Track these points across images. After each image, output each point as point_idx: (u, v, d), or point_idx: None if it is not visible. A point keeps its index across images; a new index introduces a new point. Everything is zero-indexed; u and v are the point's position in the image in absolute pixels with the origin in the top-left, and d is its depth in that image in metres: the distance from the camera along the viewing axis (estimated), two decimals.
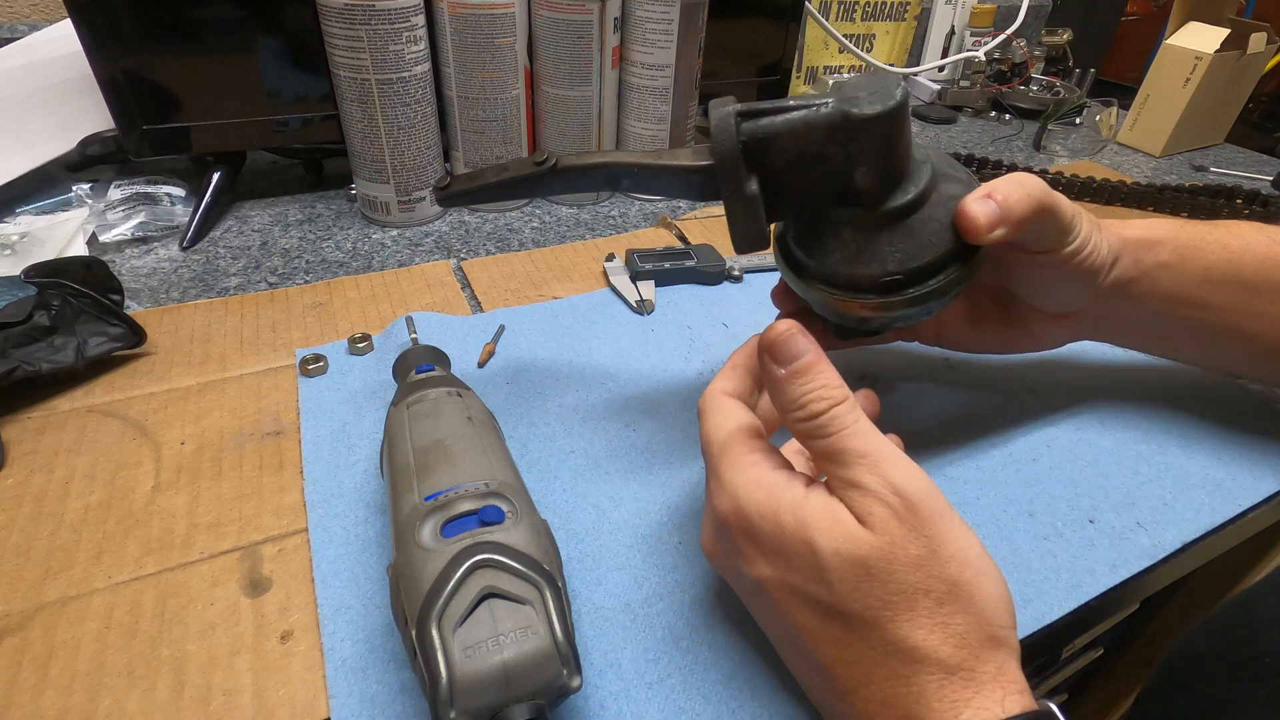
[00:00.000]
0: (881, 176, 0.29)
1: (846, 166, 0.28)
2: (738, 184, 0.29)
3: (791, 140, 0.28)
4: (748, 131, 0.28)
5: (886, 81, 0.27)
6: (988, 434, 0.40)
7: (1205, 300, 0.35)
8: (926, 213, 0.29)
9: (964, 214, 0.29)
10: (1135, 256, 0.35)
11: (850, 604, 0.22)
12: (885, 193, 0.29)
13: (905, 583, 0.22)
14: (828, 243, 0.30)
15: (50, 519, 0.32)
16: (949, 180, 0.30)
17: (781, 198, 0.30)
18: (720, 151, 0.28)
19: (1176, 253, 0.35)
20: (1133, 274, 0.35)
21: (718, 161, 0.29)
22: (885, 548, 0.22)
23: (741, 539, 0.25)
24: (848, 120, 0.27)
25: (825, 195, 0.30)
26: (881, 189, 0.29)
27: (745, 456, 0.26)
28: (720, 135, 0.28)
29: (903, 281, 0.29)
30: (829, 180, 0.29)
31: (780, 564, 0.24)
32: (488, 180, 0.33)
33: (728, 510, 0.25)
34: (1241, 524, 0.36)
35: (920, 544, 0.22)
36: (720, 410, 0.28)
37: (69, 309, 0.40)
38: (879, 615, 0.22)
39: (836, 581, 0.22)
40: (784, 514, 0.24)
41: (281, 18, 0.54)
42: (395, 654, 0.27)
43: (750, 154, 0.28)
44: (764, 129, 0.28)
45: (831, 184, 0.29)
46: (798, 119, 0.27)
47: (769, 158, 0.28)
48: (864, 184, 0.28)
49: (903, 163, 0.29)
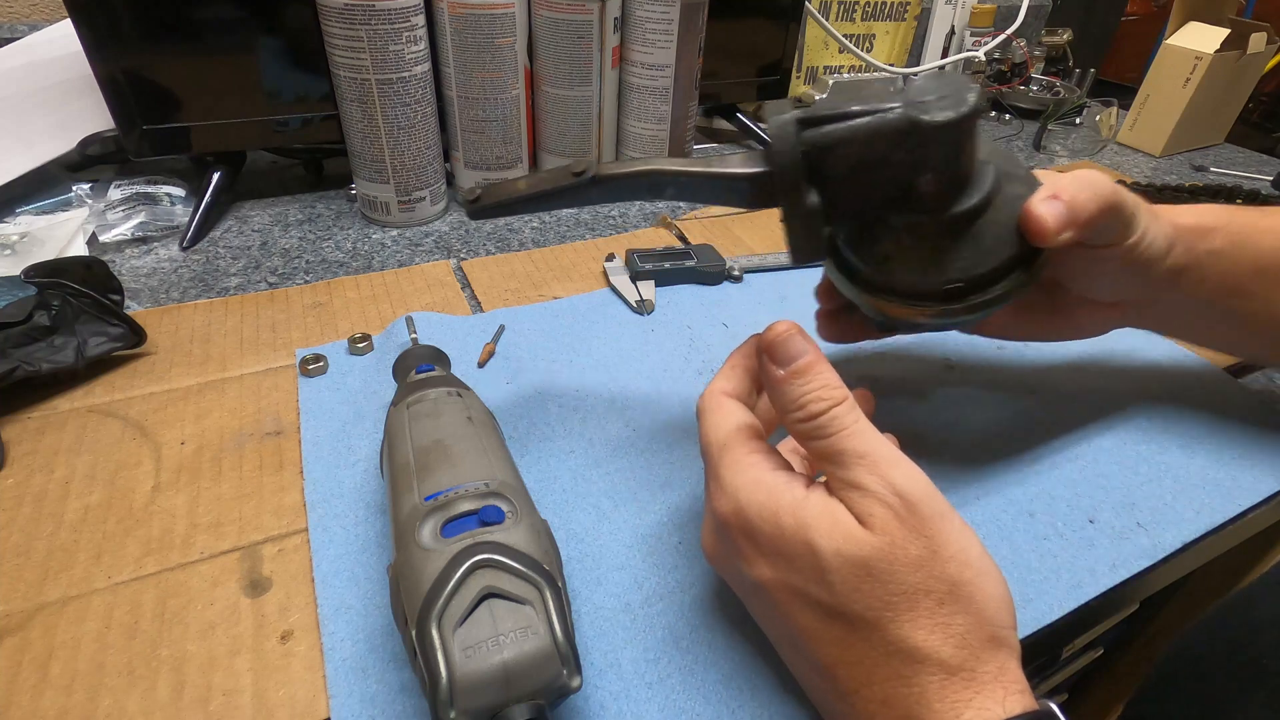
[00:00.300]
0: (946, 182, 0.27)
1: (910, 173, 0.27)
2: (798, 196, 0.27)
3: (855, 149, 0.26)
4: (809, 140, 0.26)
5: (957, 84, 0.26)
6: (988, 434, 0.40)
7: (1254, 290, 0.35)
8: (991, 216, 0.28)
9: (1031, 216, 0.28)
10: (1187, 245, 0.34)
11: (851, 605, 0.22)
12: (949, 198, 0.28)
13: (906, 583, 0.22)
14: (885, 249, 0.29)
15: (50, 519, 0.32)
16: (1011, 180, 0.29)
17: (838, 204, 0.28)
18: (779, 161, 0.27)
19: (1229, 240, 0.34)
20: (1184, 262, 0.34)
21: (776, 172, 0.27)
22: (886, 548, 0.22)
23: (742, 540, 0.25)
24: (917, 128, 0.25)
25: (885, 201, 0.28)
26: (945, 194, 0.27)
27: (745, 457, 0.26)
28: (779, 144, 0.27)
29: (965, 289, 0.28)
30: (890, 186, 0.27)
31: (781, 565, 0.24)
32: (522, 192, 0.31)
33: (728, 511, 0.25)
34: (1241, 524, 0.36)
35: (921, 544, 0.22)
36: (719, 410, 0.27)
37: (69, 309, 0.40)
38: (880, 616, 0.22)
39: (837, 582, 0.22)
40: (784, 515, 0.24)
41: (281, 18, 0.54)
42: (395, 654, 0.27)
43: (811, 163, 0.27)
44: (826, 137, 0.26)
45: (892, 190, 0.28)
46: (862, 126, 0.26)
47: (830, 166, 0.27)
48: (927, 190, 0.27)
49: (969, 167, 0.28)
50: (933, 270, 0.28)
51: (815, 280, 0.37)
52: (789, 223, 0.28)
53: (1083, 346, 0.47)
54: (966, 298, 0.28)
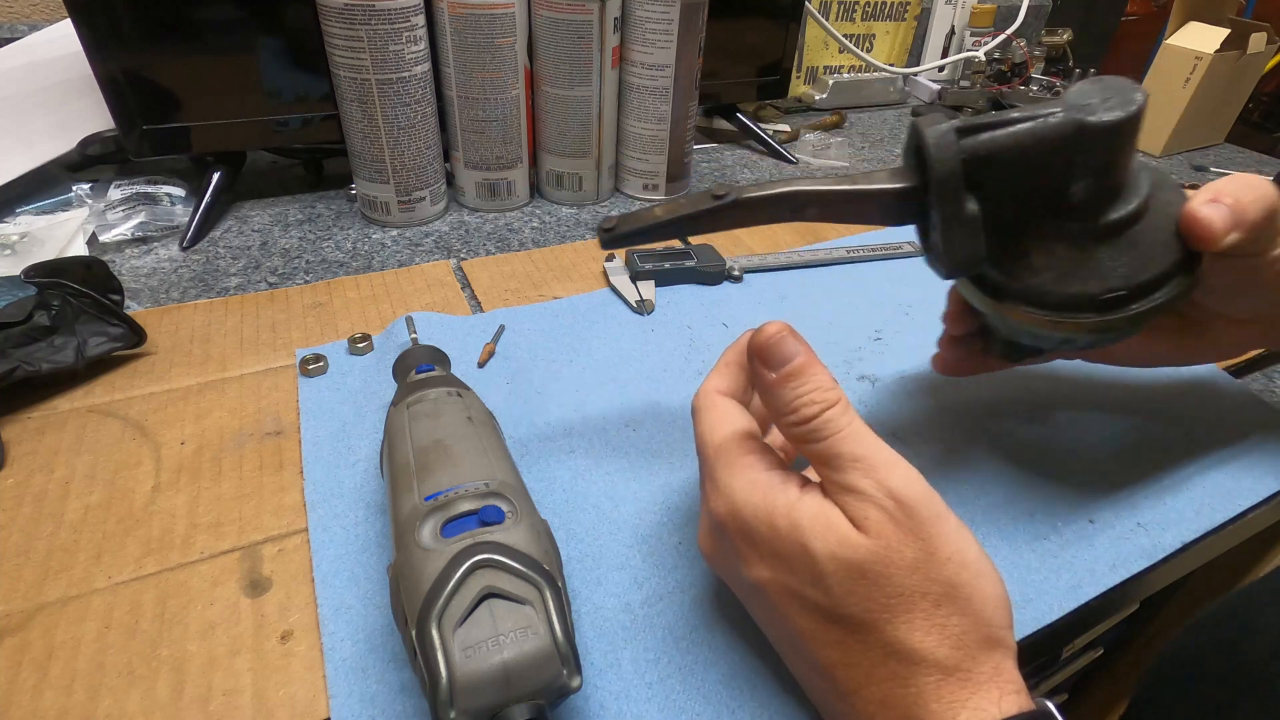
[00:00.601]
0: (1104, 188, 0.27)
1: (1065, 179, 0.26)
2: (958, 205, 0.27)
3: (1017, 155, 0.26)
4: (969, 148, 0.26)
5: (1122, 85, 0.25)
6: (988, 434, 0.40)
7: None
8: (1148, 222, 0.27)
9: (1195, 219, 0.27)
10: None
11: (848, 607, 0.22)
12: (1105, 204, 0.27)
13: (902, 586, 0.22)
14: (1035, 260, 0.28)
15: (50, 519, 0.32)
16: (1164, 187, 0.28)
17: (992, 215, 0.27)
18: (941, 172, 0.26)
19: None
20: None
21: (936, 181, 0.26)
22: (881, 552, 0.22)
23: (739, 541, 0.25)
24: (1083, 130, 0.25)
25: (1036, 210, 0.27)
26: (1102, 200, 0.27)
27: (741, 458, 0.26)
28: (940, 153, 0.26)
29: (1126, 297, 0.27)
30: (1047, 194, 0.27)
31: (777, 566, 0.24)
32: (660, 219, 0.30)
33: (724, 513, 0.25)
34: (1241, 524, 0.36)
35: (917, 547, 0.22)
36: (714, 410, 0.27)
37: (69, 309, 0.40)
38: (877, 618, 0.22)
39: (833, 585, 0.22)
40: (778, 516, 0.24)
41: (281, 18, 0.54)
42: (395, 654, 0.27)
43: (970, 172, 0.26)
44: (986, 145, 0.26)
45: (1045, 198, 0.27)
46: (1025, 131, 0.26)
47: (989, 175, 0.26)
48: (1082, 196, 0.27)
49: (1127, 171, 0.27)
50: (1093, 279, 0.27)
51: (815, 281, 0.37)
52: (949, 232, 0.27)
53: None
54: (1128, 306, 0.27)
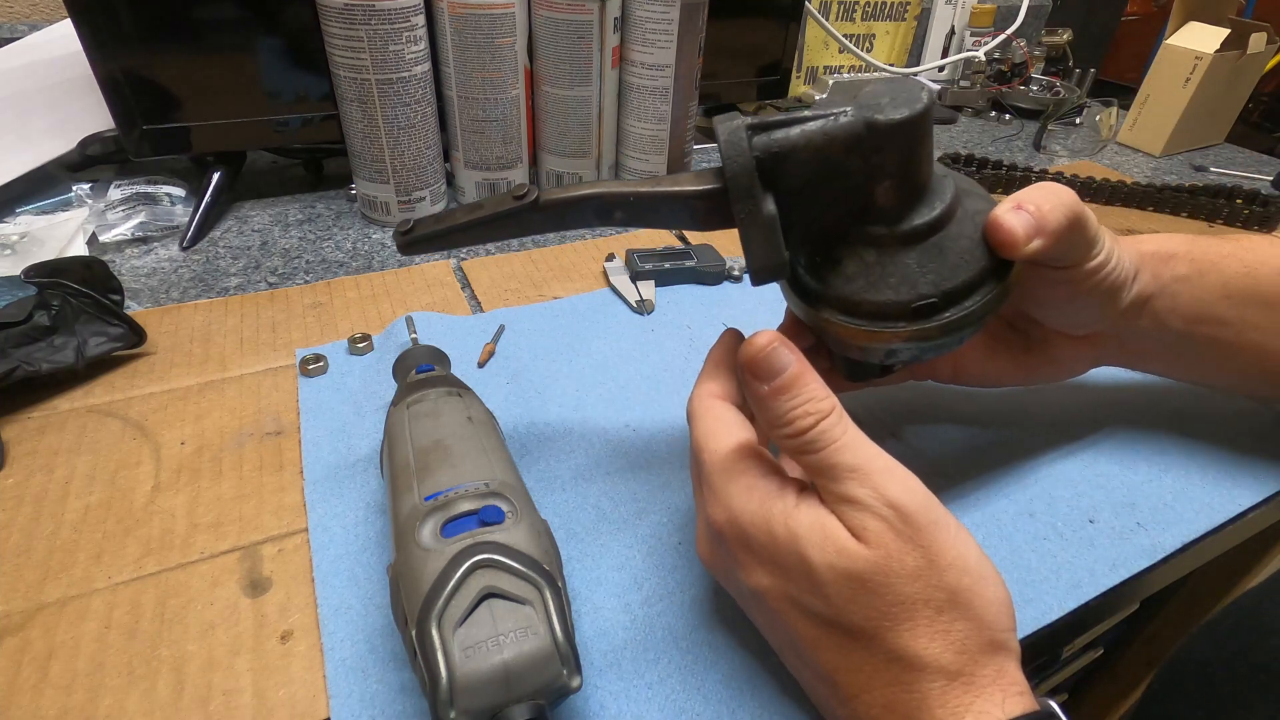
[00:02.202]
0: (906, 191, 0.26)
1: (867, 182, 0.26)
2: (754, 205, 0.26)
3: (810, 154, 0.25)
4: (761, 146, 0.25)
5: (908, 86, 0.25)
6: (987, 434, 0.40)
7: (1225, 316, 0.34)
8: (955, 229, 0.27)
9: (998, 226, 0.27)
10: (1154, 271, 0.33)
11: (848, 616, 0.22)
12: (909, 208, 0.27)
13: (903, 594, 0.22)
14: (847, 268, 0.27)
15: (50, 519, 0.32)
16: (971, 196, 0.28)
17: (794, 220, 0.27)
18: (733, 169, 0.26)
19: (1193, 266, 0.34)
20: (1152, 289, 0.33)
21: (730, 180, 0.26)
22: (881, 562, 0.22)
23: (737, 549, 0.25)
24: (872, 129, 0.25)
25: (843, 215, 0.27)
26: (905, 205, 0.27)
27: (736, 464, 0.25)
28: (732, 151, 0.26)
29: (937, 305, 0.27)
30: (847, 198, 0.27)
31: (777, 574, 0.24)
32: (458, 220, 0.29)
33: (722, 520, 0.25)
34: (1241, 524, 0.36)
35: (917, 555, 0.22)
36: (709, 415, 0.27)
37: (69, 309, 0.40)
38: (878, 626, 0.22)
39: (833, 595, 0.22)
40: (776, 525, 0.23)
41: (281, 18, 0.54)
42: (395, 654, 0.27)
43: (765, 171, 0.26)
44: (779, 143, 0.25)
45: (850, 202, 0.27)
46: (815, 130, 0.25)
47: (785, 175, 0.26)
48: (886, 200, 0.26)
49: (926, 175, 0.27)
50: (902, 286, 0.27)
51: None
52: (747, 234, 0.27)
53: None
54: (940, 314, 0.27)
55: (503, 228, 0.29)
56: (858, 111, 0.25)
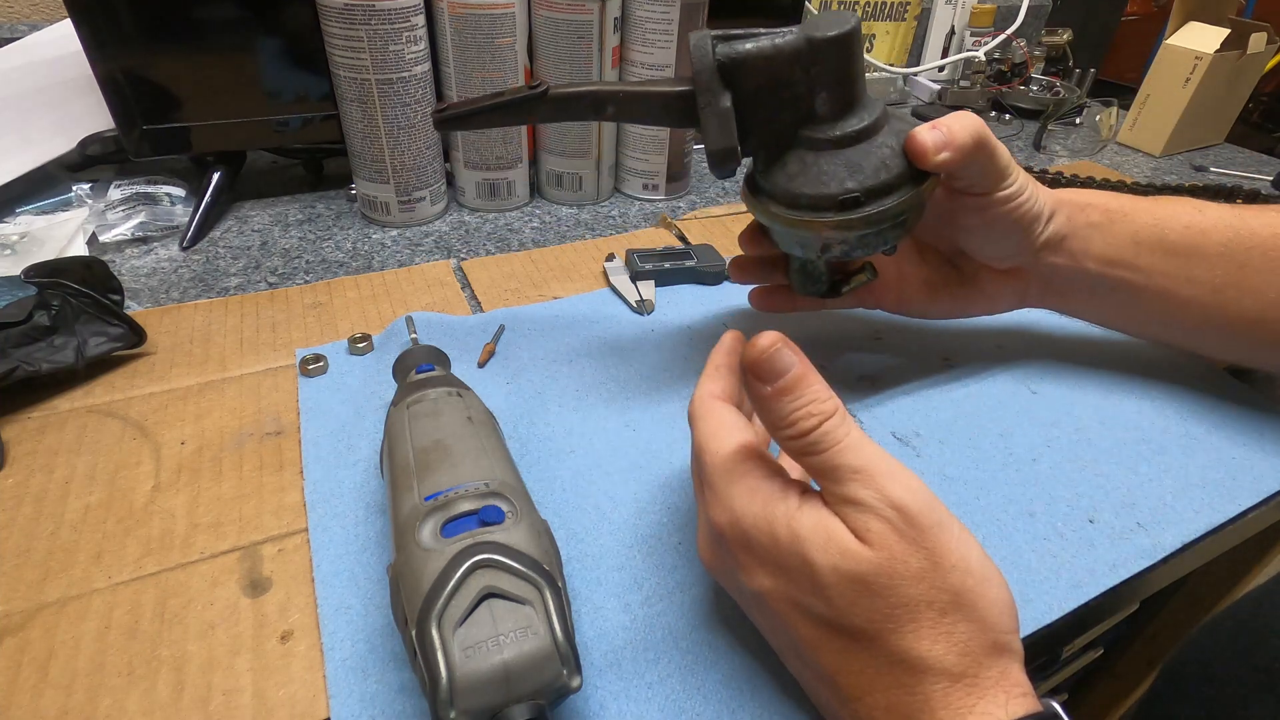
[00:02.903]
0: (840, 102, 0.32)
1: (808, 91, 0.32)
2: (713, 97, 0.32)
3: (762, 62, 0.31)
4: (723, 53, 0.31)
5: (842, 15, 0.31)
6: (987, 434, 0.40)
7: (1134, 262, 0.38)
8: (880, 140, 0.33)
9: (914, 140, 0.32)
10: (1068, 215, 0.38)
11: (851, 618, 0.22)
12: (842, 118, 0.32)
13: (907, 596, 0.22)
14: (791, 167, 0.33)
15: (50, 519, 0.32)
16: (900, 120, 0.34)
17: (751, 125, 0.33)
18: (698, 68, 0.32)
19: (1105, 215, 0.38)
20: (1066, 230, 0.38)
21: (696, 76, 0.32)
22: (885, 564, 0.22)
23: (740, 551, 0.25)
24: (810, 43, 0.31)
25: (789, 121, 0.33)
26: (840, 114, 0.32)
27: (739, 465, 0.25)
28: (698, 54, 0.31)
29: (860, 199, 0.32)
30: (793, 106, 0.32)
31: (779, 576, 0.24)
32: (483, 104, 0.36)
33: (724, 522, 0.25)
34: (1241, 524, 0.36)
35: (921, 557, 0.22)
36: (712, 417, 0.27)
37: (69, 309, 0.40)
38: (881, 628, 0.22)
39: (835, 597, 0.22)
40: (779, 526, 0.24)
41: (281, 18, 0.54)
42: (395, 654, 0.27)
43: (724, 73, 0.32)
44: (737, 50, 0.31)
45: (795, 110, 0.32)
46: (766, 44, 0.31)
47: (741, 79, 0.32)
48: (824, 109, 0.32)
49: (858, 91, 0.32)
50: (832, 182, 0.32)
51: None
52: (706, 122, 0.32)
53: (1083, 346, 0.47)
54: (861, 207, 0.32)
55: (518, 112, 0.36)
56: (801, 31, 0.31)
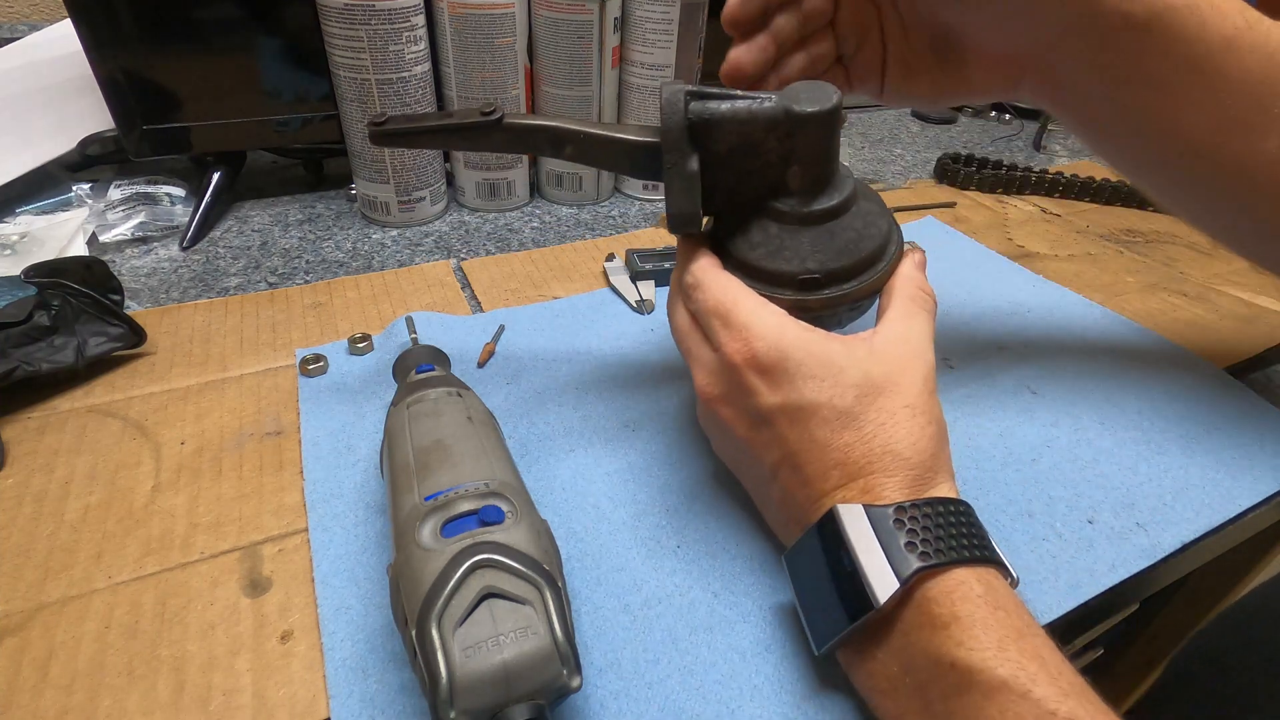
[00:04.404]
0: (812, 178, 0.30)
1: (781, 163, 0.30)
2: (681, 157, 0.30)
3: (735, 127, 0.29)
4: (695, 112, 0.29)
5: (824, 88, 0.30)
6: (986, 434, 0.40)
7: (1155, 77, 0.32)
8: (846, 221, 0.31)
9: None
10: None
11: (864, 403, 0.27)
12: (813, 195, 0.31)
13: (905, 399, 0.27)
14: (754, 235, 0.32)
15: (50, 519, 0.32)
16: (867, 199, 0.32)
17: (717, 187, 0.31)
18: (668, 125, 0.29)
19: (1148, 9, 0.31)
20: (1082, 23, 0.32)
21: (664, 134, 0.30)
22: (895, 365, 0.28)
23: (758, 376, 0.28)
24: (789, 115, 0.29)
25: (758, 191, 0.31)
26: (810, 190, 0.31)
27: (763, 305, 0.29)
28: (669, 110, 0.29)
29: (820, 281, 0.31)
30: (763, 175, 0.31)
31: (803, 384, 0.27)
32: (429, 123, 0.32)
33: (752, 351, 0.28)
34: (1241, 524, 0.36)
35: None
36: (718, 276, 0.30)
37: (69, 309, 0.40)
38: (869, 407, 0.27)
39: (858, 394, 0.27)
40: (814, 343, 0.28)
41: (281, 18, 0.54)
42: (395, 654, 0.27)
43: (695, 134, 0.30)
44: (711, 112, 0.29)
45: (765, 180, 0.31)
46: (742, 108, 0.29)
47: (712, 141, 0.30)
48: (795, 183, 0.30)
49: (831, 167, 0.31)
50: (794, 259, 0.31)
51: None
52: (671, 183, 0.31)
53: (1082, 346, 0.47)
54: (821, 289, 0.31)
55: (467, 138, 0.32)
56: (779, 100, 0.29)
